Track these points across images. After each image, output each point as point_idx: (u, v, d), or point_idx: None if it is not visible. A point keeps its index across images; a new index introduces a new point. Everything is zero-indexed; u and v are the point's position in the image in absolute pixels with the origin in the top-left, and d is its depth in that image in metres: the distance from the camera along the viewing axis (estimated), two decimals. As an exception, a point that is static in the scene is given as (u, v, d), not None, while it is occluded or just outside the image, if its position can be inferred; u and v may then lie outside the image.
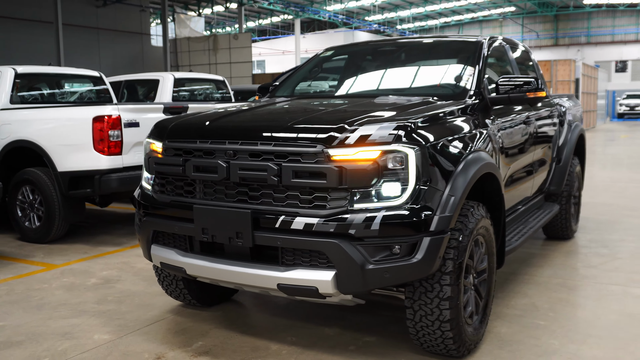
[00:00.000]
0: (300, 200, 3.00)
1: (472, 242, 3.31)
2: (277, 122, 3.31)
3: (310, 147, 2.97)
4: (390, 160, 2.94)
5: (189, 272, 3.36)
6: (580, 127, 6.21)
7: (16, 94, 6.92)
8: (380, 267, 2.90)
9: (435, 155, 3.06)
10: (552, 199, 5.86)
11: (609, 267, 5.21)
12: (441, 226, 2.97)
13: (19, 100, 6.95)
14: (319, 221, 2.92)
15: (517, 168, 4.45)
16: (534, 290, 4.57)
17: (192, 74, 9.51)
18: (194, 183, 3.34)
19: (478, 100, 3.94)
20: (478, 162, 3.33)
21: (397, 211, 2.91)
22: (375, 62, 4.81)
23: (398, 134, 2.96)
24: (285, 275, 3.02)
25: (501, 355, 3.43)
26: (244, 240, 3.07)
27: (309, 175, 2.97)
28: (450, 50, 4.62)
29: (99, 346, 3.63)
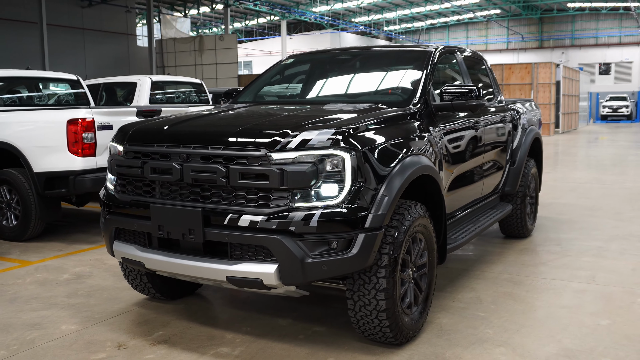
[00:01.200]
0: (246, 199, 3.28)
1: (409, 238, 3.59)
2: (226, 128, 3.59)
3: (255, 151, 3.24)
4: (328, 163, 3.22)
5: (148, 266, 3.62)
6: (535, 131, 6.52)
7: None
8: (319, 260, 3.18)
9: (371, 158, 3.33)
10: (507, 199, 6.16)
11: (557, 263, 5.52)
12: (375, 223, 3.25)
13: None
14: (262, 219, 3.20)
15: (463, 171, 4.73)
16: (482, 285, 4.86)
17: (170, 77, 9.76)
18: (151, 184, 3.60)
19: (423, 107, 4.23)
20: (414, 165, 3.61)
21: (334, 209, 3.19)
22: (332, 70, 5.09)
23: (336, 139, 3.24)
24: (233, 268, 3.29)
25: (438, 343, 3.72)
26: (196, 236, 3.34)
27: (254, 177, 3.24)
28: (401, 59, 4.91)
29: (65, 335, 3.88)
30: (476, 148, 5.00)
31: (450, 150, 4.43)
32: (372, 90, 4.64)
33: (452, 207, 4.69)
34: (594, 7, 48.62)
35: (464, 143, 4.74)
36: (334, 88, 4.84)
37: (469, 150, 4.84)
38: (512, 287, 4.83)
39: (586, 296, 4.59)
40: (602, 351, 3.59)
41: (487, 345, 3.68)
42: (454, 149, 4.51)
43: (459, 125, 4.69)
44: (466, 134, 4.79)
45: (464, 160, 4.72)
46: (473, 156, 4.94)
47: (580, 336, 3.82)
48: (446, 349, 3.63)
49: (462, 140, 4.71)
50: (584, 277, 5.06)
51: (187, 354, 3.58)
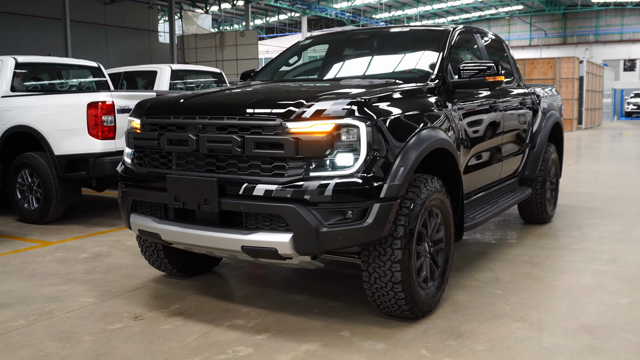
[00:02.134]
0: (261, 169, 3.28)
1: (425, 211, 3.57)
2: (242, 100, 3.59)
3: (270, 121, 3.24)
4: (343, 133, 3.21)
5: (164, 237, 3.65)
6: (555, 116, 6.44)
7: (17, 82, 7.24)
8: (334, 230, 3.17)
9: (387, 129, 3.32)
10: (527, 183, 6.10)
11: (577, 247, 5.44)
12: (391, 193, 3.23)
13: (20, 88, 7.28)
14: (277, 188, 3.20)
15: (481, 150, 4.69)
16: (500, 266, 4.82)
17: (190, 66, 9.83)
18: (167, 155, 3.62)
19: (440, 84, 4.19)
20: (430, 138, 3.59)
21: (349, 179, 3.18)
22: (350, 50, 5.08)
23: (351, 109, 3.23)
24: (248, 238, 3.29)
25: (454, 318, 3.69)
26: (211, 206, 3.35)
27: (269, 146, 3.24)
28: (419, 38, 4.88)
29: (82, 307, 3.92)
30: (495, 129, 4.95)
31: (468, 129, 4.40)
32: (390, 67, 4.61)
33: (470, 188, 4.65)
34: (619, 2, 47.92)
35: (482, 123, 4.70)
36: (352, 67, 4.83)
37: (488, 130, 4.80)
38: (531, 268, 4.77)
39: (606, 277, 4.52)
40: (621, 327, 3.53)
41: (504, 320, 3.64)
42: (471, 128, 4.47)
43: (478, 104, 4.65)
44: (485, 113, 4.75)
45: (482, 140, 4.68)
46: (491, 137, 4.89)
47: (599, 313, 3.76)
48: (462, 323, 3.60)
49: (480, 120, 4.67)
50: (604, 260, 4.99)
51: (202, 325, 3.60)
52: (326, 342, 3.34)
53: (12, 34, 26.99)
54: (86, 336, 3.44)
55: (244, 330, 3.51)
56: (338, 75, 4.73)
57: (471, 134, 4.46)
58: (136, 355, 3.18)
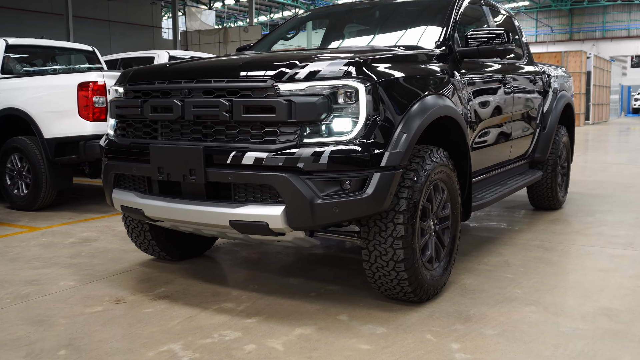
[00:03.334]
0: (251, 135, 3.00)
1: (430, 185, 3.29)
2: (232, 63, 3.31)
3: (260, 82, 2.97)
4: (340, 95, 2.93)
5: (147, 213, 3.37)
6: (567, 97, 6.15)
7: (8, 65, 6.99)
8: (330, 201, 2.89)
9: (388, 92, 3.03)
10: (537, 166, 5.81)
11: (591, 232, 5.15)
12: (392, 162, 2.95)
13: (10, 70, 7.02)
14: (268, 155, 2.92)
15: (489, 126, 4.40)
16: (510, 250, 4.53)
17: (188, 52, 9.55)
18: (151, 124, 3.35)
19: (446, 52, 3.91)
20: (436, 105, 3.31)
21: (347, 146, 2.89)
22: (351, 22, 4.80)
23: (348, 70, 2.95)
24: (237, 211, 3.02)
25: (462, 302, 3.40)
26: (197, 177, 3.08)
27: (259, 110, 2.96)
28: (425, 7, 4.59)
29: (62, 291, 3.65)
30: (504, 105, 4.66)
31: (476, 103, 4.11)
32: (394, 37, 4.32)
33: (477, 167, 4.36)
34: (626, -2, 47.47)
35: (491, 97, 4.41)
36: (354, 39, 4.55)
37: (497, 105, 4.51)
38: (543, 252, 4.48)
39: (624, 261, 4.22)
40: (644, 310, 3.24)
41: (516, 304, 3.35)
42: (480, 102, 4.19)
43: (486, 76, 4.37)
44: (494, 87, 4.46)
45: (490, 115, 4.39)
46: (500, 113, 4.60)
47: (619, 296, 3.47)
48: (470, 307, 3.32)
49: (490, 93, 4.38)
50: (621, 244, 4.69)
51: (188, 308, 3.32)
52: (322, 326, 3.06)
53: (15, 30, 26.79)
54: (61, 319, 3.17)
55: (233, 314, 3.23)
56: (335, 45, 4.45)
57: (479, 107, 4.17)
58: (113, 339, 2.91)
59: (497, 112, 4.53)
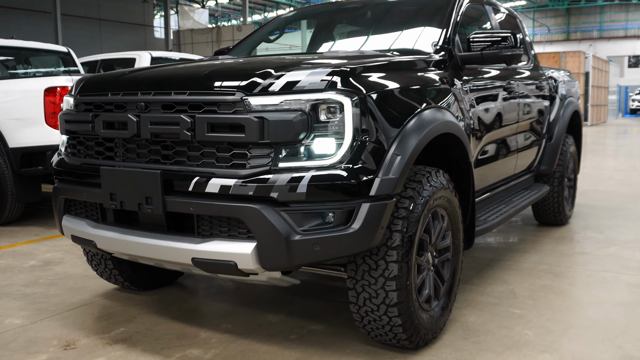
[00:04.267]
0: (216, 158, 2.53)
1: (429, 213, 2.84)
2: (197, 72, 2.83)
3: (227, 95, 2.50)
4: (322, 111, 2.47)
5: (100, 245, 2.90)
6: (574, 103, 5.70)
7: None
8: (309, 238, 2.43)
9: (379, 106, 2.57)
10: (542, 179, 5.36)
11: (603, 253, 4.70)
12: (384, 190, 2.49)
13: (-25, 74, 6.54)
14: (236, 183, 2.45)
15: (494, 139, 3.95)
16: (516, 277, 4.08)
17: (171, 54, 9.07)
18: (104, 142, 2.88)
19: (446, 57, 3.45)
20: (435, 120, 2.85)
21: (330, 171, 2.43)
22: (341, 23, 4.34)
23: (332, 80, 2.48)
24: (200, 248, 2.55)
25: (464, 347, 2.95)
26: (154, 206, 2.61)
27: (227, 129, 2.50)
28: (422, 6, 4.12)
29: (5, 332, 3.18)
30: (509, 115, 4.21)
31: (479, 113, 3.66)
32: (387, 40, 3.86)
33: (481, 184, 3.91)
34: (624, -2, 47.09)
35: (496, 106, 3.95)
36: (343, 42, 4.09)
37: (502, 115, 4.06)
38: (552, 279, 4.03)
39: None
40: (677, 360, 2.79)
41: (527, 351, 2.90)
42: (483, 112, 3.73)
43: (490, 84, 3.91)
44: (498, 95, 4.00)
45: (495, 127, 3.94)
46: (505, 124, 4.15)
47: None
48: (475, 354, 2.86)
49: (494, 103, 3.92)
50: (638, 269, 4.24)
51: (148, 356, 2.86)
52: (301, 380, 2.60)
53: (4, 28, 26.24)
54: (-4, 372, 2.71)
55: (199, 364, 2.77)
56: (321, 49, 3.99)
57: (483, 118, 3.72)
58: (51, 402, 2.44)
59: (502, 123, 4.08)
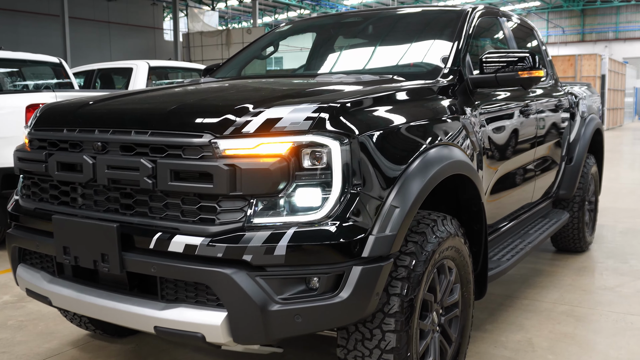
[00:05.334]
0: (182, 211, 2.15)
1: (434, 269, 2.44)
2: (163, 106, 2.45)
3: (194, 137, 2.11)
4: (306, 156, 2.08)
5: (55, 303, 2.53)
6: (596, 121, 5.27)
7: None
8: (290, 308, 2.04)
9: (375, 149, 2.18)
10: (561, 205, 4.93)
11: (629, 289, 4.27)
12: (379, 250, 2.10)
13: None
14: (203, 242, 2.07)
15: (511, 169, 3.54)
16: (534, 321, 3.66)
17: (170, 63, 8.74)
18: (59, 186, 2.51)
19: (456, 81, 3.05)
20: (442, 160, 2.45)
21: (315, 228, 2.04)
22: (339, 38, 3.95)
23: (318, 119, 2.09)
24: (163, 315, 2.17)
25: (475, 420, 2.55)
26: (111, 265, 2.23)
27: (193, 177, 2.12)
28: (428, 22, 3.73)
29: (-45, 394, 2.83)
30: (527, 140, 3.81)
31: (494, 142, 3.26)
32: (389, 60, 3.47)
33: (495, 217, 3.51)
34: (640, -2, 46.22)
35: (512, 132, 3.54)
36: (340, 60, 3.71)
37: (519, 142, 3.65)
38: (574, 324, 3.61)
39: (680, 342, 3.35)
40: None
41: None
42: (498, 140, 3.33)
43: (505, 108, 3.50)
44: (515, 119, 3.59)
45: (511, 155, 3.53)
46: (523, 150, 3.75)
47: (686, 414, 2.60)
48: None
49: (510, 129, 3.51)
50: (670, 312, 3.82)
51: None
52: None
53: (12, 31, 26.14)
54: None
55: None
56: (321, 69, 3.60)
57: (497, 147, 3.32)
58: None
59: (519, 150, 3.67)
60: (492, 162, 3.23)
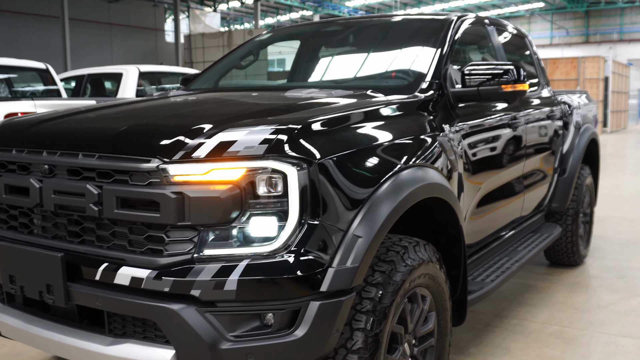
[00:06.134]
0: (129, 241, 2.01)
1: (405, 299, 2.29)
2: (116, 125, 2.30)
3: (142, 162, 1.97)
4: (260, 183, 1.93)
5: (5, 333, 2.39)
6: (591, 130, 5.10)
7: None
8: (242, 346, 1.90)
9: (337, 174, 2.03)
10: (554, 218, 4.78)
11: (623, 307, 4.11)
12: (340, 284, 1.95)
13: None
14: (150, 275, 1.93)
15: (496, 185, 3.39)
16: (521, 344, 3.51)
17: (161, 68, 8.61)
18: (8, 209, 2.37)
19: (436, 95, 2.90)
20: (413, 183, 2.30)
21: (269, 260, 1.90)
22: (317, 48, 3.82)
23: (275, 142, 1.95)
24: (109, 352, 2.03)
25: None
26: (56, 296, 2.09)
27: (140, 205, 1.98)
28: (411, 31, 3.57)
29: None
30: (514, 155, 3.65)
31: (478, 157, 3.11)
32: (366, 72, 3.32)
33: (480, 236, 3.36)
34: (645, -1, 45.90)
35: (497, 148, 3.39)
36: (317, 71, 3.56)
37: (504, 158, 3.50)
38: (563, 348, 3.46)
39: (672, 369, 3.19)
40: None
41: None
42: (482, 156, 3.18)
43: (491, 121, 3.35)
44: (501, 134, 3.44)
45: (496, 172, 3.38)
46: (511, 164, 3.59)
47: None
48: None
49: (495, 143, 3.36)
50: (664, 334, 3.66)
51: None
52: None
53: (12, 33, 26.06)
54: None
55: None
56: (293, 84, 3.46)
57: (481, 164, 3.17)
58: None
59: (505, 165, 3.52)
60: (475, 179, 3.08)
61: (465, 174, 2.94)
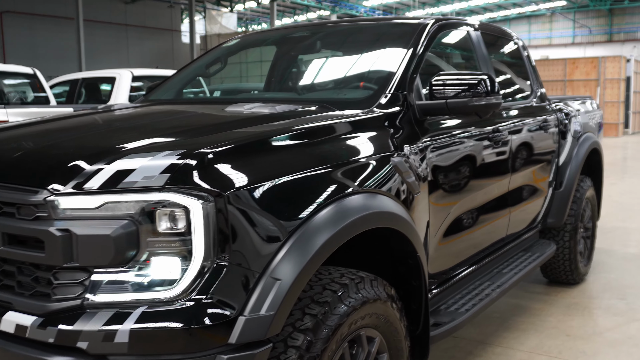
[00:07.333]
0: (18, 282, 1.78)
1: (344, 343, 2.02)
2: (14, 150, 2.06)
3: (29, 193, 1.74)
4: (162, 219, 1.68)
5: None
6: (592, 140, 4.77)
7: None
8: (135, 409, 1.65)
9: (254, 207, 1.78)
10: (550, 234, 4.46)
11: (619, 334, 3.80)
12: (251, 335, 1.70)
13: None
14: (34, 322, 1.69)
15: (472, 206, 3.10)
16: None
17: (155, 71, 8.42)
18: None
19: (397, 110, 2.63)
20: (351, 214, 2.02)
21: (168, 307, 1.65)
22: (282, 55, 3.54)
23: (178, 172, 1.70)
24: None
25: None
26: (-59, 341, 1.87)
27: (29, 242, 1.74)
28: (379, 37, 3.28)
29: None
30: (497, 169, 3.36)
31: (447, 177, 2.82)
32: (323, 83, 3.06)
33: (453, 261, 3.08)
34: (671, -3, 44.84)
35: (474, 163, 3.09)
36: (274, 81, 3.31)
37: (485, 173, 3.21)
38: (548, 382, 3.16)
39: (665, 411, 2.88)
40: None
41: None
42: (452, 175, 2.89)
43: (465, 135, 3.05)
44: (477, 148, 3.14)
45: (473, 190, 3.09)
46: (491, 182, 3.30)
47: None
48: None
49: (470, 159, 3.07)
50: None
51: None
52: None
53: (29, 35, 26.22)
54: None
55: None
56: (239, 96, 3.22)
57: (452, 184, 2.89)
58: None
59: (485, 183, 3.23)
60: (445, 201, 2.80)
61: (432, 196, 2.66)
